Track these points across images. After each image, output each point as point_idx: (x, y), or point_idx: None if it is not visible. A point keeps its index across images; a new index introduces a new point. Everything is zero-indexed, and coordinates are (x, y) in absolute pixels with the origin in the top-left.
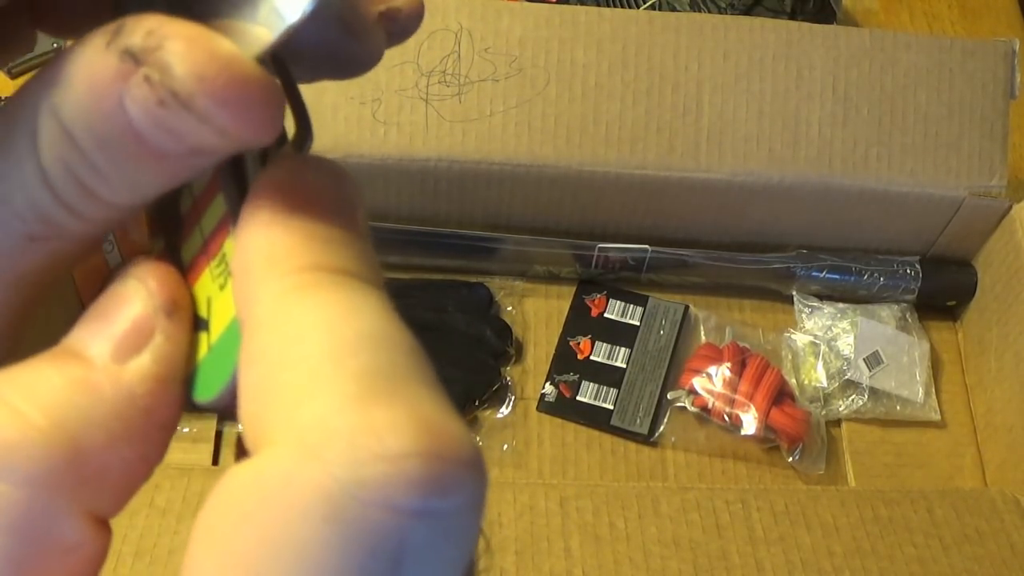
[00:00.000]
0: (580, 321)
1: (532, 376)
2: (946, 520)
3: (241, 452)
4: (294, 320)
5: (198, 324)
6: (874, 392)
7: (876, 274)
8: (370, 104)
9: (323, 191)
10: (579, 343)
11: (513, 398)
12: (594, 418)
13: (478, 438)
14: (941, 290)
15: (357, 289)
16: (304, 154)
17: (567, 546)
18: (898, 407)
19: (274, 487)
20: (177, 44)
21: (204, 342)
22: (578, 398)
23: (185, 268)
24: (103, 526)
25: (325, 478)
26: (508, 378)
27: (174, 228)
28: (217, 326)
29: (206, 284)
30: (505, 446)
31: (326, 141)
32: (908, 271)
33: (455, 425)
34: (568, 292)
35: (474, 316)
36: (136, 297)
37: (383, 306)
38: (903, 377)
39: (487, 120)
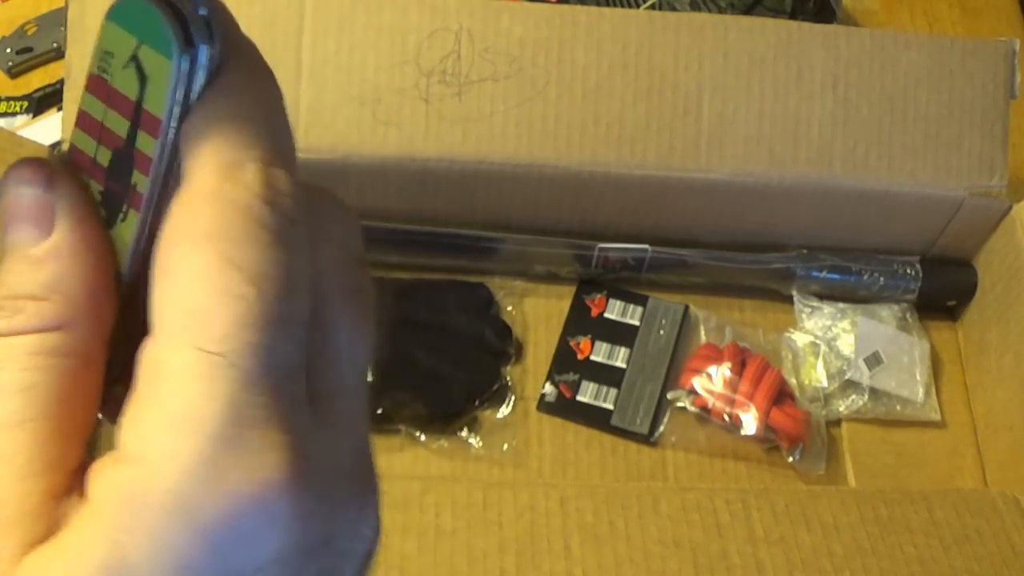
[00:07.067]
0: (580, 321)
1: (532, 376)
2: (946, 520)
3: None
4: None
5: None
6: (874, 392)
7: (876, 274)
8: (370, 104)
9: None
10: (579, 343)
11: (513, 398)
12: (594, 418)
13: (479, 438)
14: (941, 290)
15: None
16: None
17: (567, 546)
18: (898, 407)
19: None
20: None
21: None
22: (578, 398)
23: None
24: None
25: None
26: (508, 378)
27: None
28: None
29: None
30: (505, 446)
31: (326, 141)
32: (908, 271)
33: None
34: (568, 292)
35: (474, 316)
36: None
37: None
38: (903, 377)
39: (487, 120)
